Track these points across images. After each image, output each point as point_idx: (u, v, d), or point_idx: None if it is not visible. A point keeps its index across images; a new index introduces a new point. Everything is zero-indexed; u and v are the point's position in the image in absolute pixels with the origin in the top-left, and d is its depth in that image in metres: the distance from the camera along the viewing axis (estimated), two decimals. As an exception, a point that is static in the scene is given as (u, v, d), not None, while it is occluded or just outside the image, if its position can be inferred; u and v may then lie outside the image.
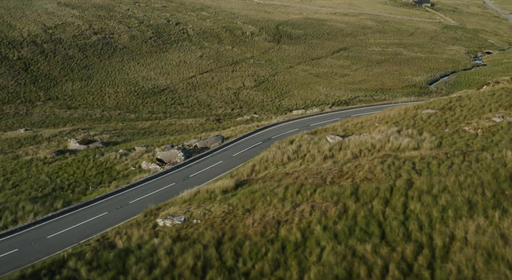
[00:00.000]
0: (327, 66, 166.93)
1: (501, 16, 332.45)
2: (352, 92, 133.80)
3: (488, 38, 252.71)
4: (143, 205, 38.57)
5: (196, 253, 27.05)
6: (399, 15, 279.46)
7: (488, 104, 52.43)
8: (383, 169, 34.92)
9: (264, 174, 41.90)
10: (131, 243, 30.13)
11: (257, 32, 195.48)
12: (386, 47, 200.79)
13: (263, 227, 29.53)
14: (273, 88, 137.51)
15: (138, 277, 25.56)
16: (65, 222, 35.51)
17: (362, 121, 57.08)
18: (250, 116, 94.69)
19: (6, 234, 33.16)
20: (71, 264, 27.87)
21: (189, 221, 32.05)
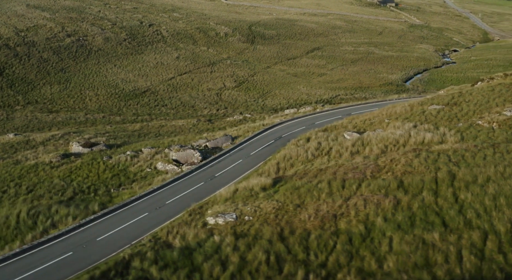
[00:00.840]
0: (303, 66, 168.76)
1: (462, 15, 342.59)
2: (332, 91, 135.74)
3: (452, 37, 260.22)
4: (181, 204, 38.75)
5: (264, 248, 27.51)
6: (366, 15, 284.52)
7: (492, 99, 54.54)
8: (420, 162, 36.12)
9: (294, 170, 42.56)
10: (189, 242, 30.34)
11: (230, 33, 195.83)
12: (358, 46, 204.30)
13: (320, 221, 30.22)
14: (254, 88, 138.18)
15: (214, 274, 25.85)
16: (109, 224, 35.33)
17: (370, 118, 58.40)
18: (242, 116, 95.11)
19: (55, 238, 32.82)
20: (136, 264, 27.93)
21: (241, 218, 32.45)
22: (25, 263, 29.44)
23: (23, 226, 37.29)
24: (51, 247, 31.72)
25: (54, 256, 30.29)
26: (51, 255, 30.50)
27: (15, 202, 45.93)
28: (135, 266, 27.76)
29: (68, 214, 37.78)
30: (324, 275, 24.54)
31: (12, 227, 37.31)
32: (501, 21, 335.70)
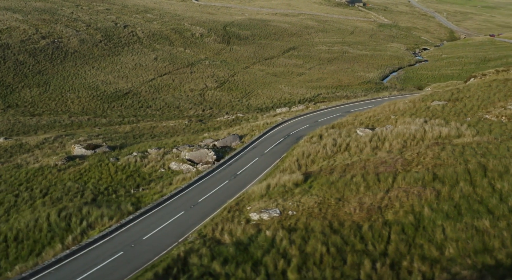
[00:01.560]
0: (281, 65, 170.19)
1: (428, 14, 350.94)
2: (313, 90, 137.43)
3: (421, 35, 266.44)
4: (213, 202, 39.23)
5: (321, 240, 28.28)
6: (336, 15, 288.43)
7: (493, 94, 56.71)
8: (448, 155, 37.52)
9: (318, 166, 43.47)
10: (240, 237, 30.90)
11: (206, 33, 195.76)
12: (332, 46, 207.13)
13: (366, 213, 31.19)
14: (236, 88, 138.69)
15: (279, 267, 26.46)
16: (149, 223, 35.50)
17: (374, 115, 59.84)
18: (234, 116, 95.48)
19: (100, 239, 32.83)
20: (194, 261, 28.33)
21: (285, 213, 33.16)
22: (81, 264, 29.45)
23: (56, 228, 37.06)
24: (100, 248, 31.75)
25: (106, 256, 30.38)
26: (103, 255, 30.57)
27: (33, 205, 45.51)
28: (194, 263, 28.14)
29: (103, 215, 37.72)
30: (389, 263, 25.42)
31: (45, 229, 37.05)
32: (465, 20, 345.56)
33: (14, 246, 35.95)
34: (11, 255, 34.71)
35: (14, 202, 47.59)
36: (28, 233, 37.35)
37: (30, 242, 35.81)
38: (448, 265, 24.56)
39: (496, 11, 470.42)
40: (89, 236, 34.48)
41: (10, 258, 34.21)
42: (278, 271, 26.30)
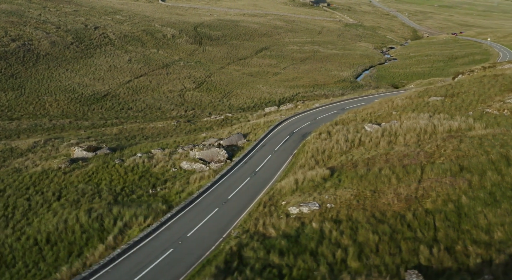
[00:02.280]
0: (256, 65, 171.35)
1: (390, 13, 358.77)
2: (291, 89, 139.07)
3: (386, 35, 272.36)
4: (243, 198, 40.02)
5: (371, 230, 29.48)
6: (303, 15, 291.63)
7: (487, 89, 59.30)
8: (468, 146, 39.38)
9: (337, 161, 44.70)
10: (286, 230, 31.83)
11: (177, 34, 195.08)
12: (303, 45, 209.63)
13: (405, 203, 32.60)
14: (215, 89, 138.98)
15: (337, 256, 27.50)
16: (188, 221, 35.94)
17: (374, 112, 61.59)
18: (223, 116, 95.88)
19: (145, 237, 33.08)
20: (249, 254, 29.12)
21: (323, 206, 34.24)
22: (135, 262, 29.75)
23: (90, 229, 37.05)
24: (149, 246, 32.05)
25: (158, 253, 30.77)
26: (154, 252, 30.93)
27: (51, 208, 45.20)
28: (250, 256, 28.89)
29: (136, 214, 37.92)
30: (443, 248, 26.79)
31: (78, 231, 36.99)
32: (426, 19, 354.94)
33: (48, 248, 35.78)
34: (48, 257, 34.56)
35: (28, 205, 47.09)
36: (61, 235, 37.21)
37: (64, 244, 35.72)
38: (501, 247, 26.09)
39: (452, 10, 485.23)
40: (129, 235, 34.66)
41: (48, 260, 34.08)
42: (337, 260, 27.31)
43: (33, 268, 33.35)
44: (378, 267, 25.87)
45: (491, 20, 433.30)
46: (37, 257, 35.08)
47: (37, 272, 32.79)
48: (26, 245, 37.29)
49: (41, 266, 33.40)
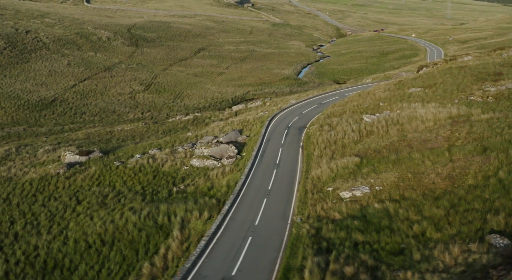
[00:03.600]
0: (198, 66, 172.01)
1: (312, 13, 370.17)
2: (240, 88, 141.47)
3: (312, 33, 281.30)
4: (283, 188, 42.10)
5: (435, 205, 32.58)
6: (230, 15, 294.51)
7: (461, 79, 64.77)
8: (480, 129, 43.66)
9: (355, 150, 47.68)
10: (349, 212, 34.41)
11: (112, 37, 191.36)
12: (238, 45, 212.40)
13: (449, 181, 36.12)
14: (164, 90, 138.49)
15: (415, 230, 30.29)
16: (246, 212, 37.27)
17: (360, 104, 65.41)
18: (192, 116, 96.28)
19: (217, 229, 34.18)
20: (331, 235, 31.33)
21: (373, 189, 37.09)
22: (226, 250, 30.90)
23: (146, 227, 37.51)
24: (227, 236, 33.15)
25: (241, 241, 32.13)
26: (236, 241, 32.21)
27: (77, 211, 44.94)
28: (332, 237, 31.13)
29: (187, 210, 38.78)
30: (506, 215, 30.33)
31: (134, 230, 37.36)
32: (346, 18, 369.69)
33: (107, 249, 35.97)
34: (112, 257, 34.76)
35: (48, 211, 46.44)
36: (115, 235, 37.44)
37: (124, 243, 36.04)
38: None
39: (366, 9, 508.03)
40: (192, 228, 35.61)
41: (116, 259, 34.29)
42: (416, 233, 30.10)
43: (103, 269, 33.54)
44: (458, 235, 28.86)
45: (402, 17, 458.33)
46: (99, 258, 35.18)
47: (109, 272, 33.02)
48: (79, 248, 37.18)
49: (110, 266, 33.63)
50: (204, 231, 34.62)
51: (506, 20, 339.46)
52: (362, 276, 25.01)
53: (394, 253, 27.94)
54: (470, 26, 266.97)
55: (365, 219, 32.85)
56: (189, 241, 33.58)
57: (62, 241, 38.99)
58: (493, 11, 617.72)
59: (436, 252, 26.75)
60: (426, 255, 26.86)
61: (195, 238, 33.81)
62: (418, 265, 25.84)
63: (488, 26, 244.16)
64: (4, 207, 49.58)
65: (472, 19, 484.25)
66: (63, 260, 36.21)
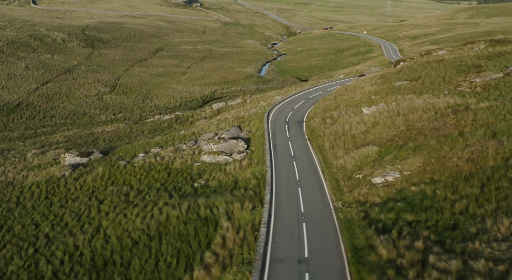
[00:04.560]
0: (160, 66, 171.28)
1: (259, 12, 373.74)
2: (206, 87, 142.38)
3: (263, 32, 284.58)
4: (310, 177, 44.19)
5: (469, 184, 35.46)
6: (181, 15, 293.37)
7: (444, 72, 68.83)
8: (484, 116, 47.18)
9: (368, 139, 50.33)
10: (388, 196, 36.94)
11: (67, 38, 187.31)
12: (194, 45, 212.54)
13: (471, 163, 39.21)
14: (131, 91, 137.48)
15: (460, 207, 33.04)
16: (286, 200, 38.89)
17: (351, 98, 68.32)
18: (173, 115, 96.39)
19: (269, 217, 35.72)
20: (381, 217, 33.65)
21: (402, 174, 39.76)
22: (287, 236, 32.61)
23: (191, 220, 38.51)
24: (281, 222, 34.73)
25: (299, 225, 33.92)
26: (293, 225, 33.97)
27: (104, 210, 45.29)
28: (382, 218, 33.43)
29: (227, 202, 40.08)
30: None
31: (179, 224, 38.29)
32: (293, 16, 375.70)
33: (156, 243, 36.79)
34: (164, 251, 35.52)
35: (71, 212, 46.50)
36: (159, 230, 38.31)
37: (173, 236, 36.90)
38: None
39: (308, 7, 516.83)
40: (239, 218, 36.94)
41: (171, 252, 35.07)
42: (460, 210, 32.79)
43: (159, 262, 34.38)
44: (499, 210, 31.74)
45: (345, 15, 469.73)
46: (150, 252, 35.91)
47: (168, 264, 33.87)
48: (125, 244, 37.79)
49: (167, 259, 34.47)
50: (253, 220, 36.08)
51: (445, 16, 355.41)
52: (434, 249, 27.36)
53: (449, 229, 30.49)
54: (415, 23, 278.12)
55: (406, 201, 35.36)
56: (242, 230, 34.97)
57: (103, 239, 39.40)
58: (429, 8, 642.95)
59: (489, 225, 29.46)
60: (481, 228, 29.54)
61: (247, 227, 35.23)
62: (478, 237, 28.46)
63: (433, 23, 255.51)
64: (20, 210, 49.22)
65: (410, 16, 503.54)
66: (112, 256, 36.72)
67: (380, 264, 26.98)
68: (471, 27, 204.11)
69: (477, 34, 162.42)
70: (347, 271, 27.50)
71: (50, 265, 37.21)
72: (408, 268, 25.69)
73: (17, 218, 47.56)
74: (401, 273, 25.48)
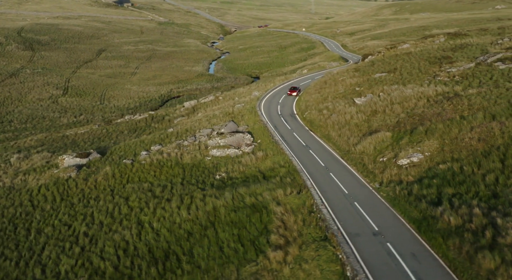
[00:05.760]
0: (107, 67, 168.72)
1: (191, 11, 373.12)
2: (161, 86, 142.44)
3: (199, 31, 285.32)
4: (333, 163, 47.16)
5: (491, 159, 39.84)
6: (115, 15, 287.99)
7: (417, 64, 74.12)
8: (477, 101, 52.13)
9: (373, 127, 54.00)
10: (419, 175, 40.67)
11: (4, 41, 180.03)
12: (136, 45, 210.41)
13: (483, 142, 43.78)
14: (85, 93, 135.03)
15: (490, 179, 37.27)
16: (324, 185, 41.49)
17: (336, 90, 72.06)
18: (147, 114, 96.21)
19: (321, 203, 38.42)
20: (424, 192, 37.28)
21: (424, 155, 43.71)
22: (347, 216, 35.47)
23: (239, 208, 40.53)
24: (334, 204, 37.44)
25: (350, 206, 36.80)
26: (345, 205, 36.85)
27: (134, 207, 46.24)
28: (425, 194, 37.05)
29: (269, 189, 42.36)
30: (551, 162, 38.48)
31: (229, 212, 40.15)
32: (224, 15, 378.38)
33: (212, 232, 38.46)
34: (226, 237, 37.19)
35: (99, 210, 47.06)
36: (209, 220, 40.04)
37: (227, 224, 38.58)
38: None
39: (236, 6, 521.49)
40: (288, 203, 39.37)
41: (231, 239, 36.94)
42: (492, 181, 36.96)
43: (223, 248, 36.16)
44: (527, 180, 36.22)
45: (272, 13, 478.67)
46: (210, 240, 37.52)
47: (235, 249, 35.40)
48: (179, 236, 39.15)
49: (230, 244, 36.25)
50: (303, 204, 38.61)
51: (370, 13, 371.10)
52: (492, 213, 31.17)
53: (492, 198, 34.49)
54: (349, 20, 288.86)
55: (439, 177, 39.12)
56: (297, 212, 37.46)
57: (153, 232, 40.51)
58: (349, 5, 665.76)
59: (525, 192, 33.73)
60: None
61: (301, 209, 37.75)
62: (524, 202, 32.62)
63: (364, 19, 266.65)
64: (40, 213, 49.09)
65: (334, 13, 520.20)
66: (170, 248, 38.03)
67: (452, 230, 30.44)
68: (403, 23, 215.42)
69: (413, 29, 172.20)
70: (420, 239, 30.77)
71: (106, 261, 37.95)
72: (481, 230, 29.30)
73: (41, 220, 47.52)
74: (477, 235, 29.03)
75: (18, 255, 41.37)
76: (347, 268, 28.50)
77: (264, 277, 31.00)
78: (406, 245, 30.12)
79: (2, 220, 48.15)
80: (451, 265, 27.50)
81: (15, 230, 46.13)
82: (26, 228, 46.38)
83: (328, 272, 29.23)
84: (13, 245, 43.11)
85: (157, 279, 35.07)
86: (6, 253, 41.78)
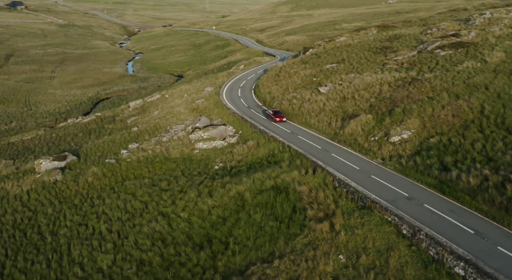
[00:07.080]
0: (21, 72, 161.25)
1: (89, 13, 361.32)
2: (86, 89, 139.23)
3: (103, 32, 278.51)
4: (330, 146, 51.30)
5: (472, 131, 46.18)
6: (11, 19, 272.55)
7: (362, 54, 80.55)
8: (438, 83, 58.93)
9: (349, 111, 59.00)
10: (415, 149, 46.15)
11: None
12: (44, 49, 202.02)
13: (458, 118, 50.33)
14: (7, 100, 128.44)
15: (478, 147, 43.49)
16: (335, 164, 45.31)
17: (294, 81, 76.41)
18: (94, 116, 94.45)
19: (344, 178, 42.33)
20: (428, 162, 42.68)
21: (411, 131, 49.37)
22: (377, 187, 39.71)
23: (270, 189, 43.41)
24: (355, 179, 41.39)
25: (368, 179, 41.09)
26: (365, 179, 41.10)
27: (149, 202, 47.65)
28: (428, 163, 42.44)
29: (285, 171, 45.63)
30: (521, 130, 45.52)
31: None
32: (122, 16, 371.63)
33: (244, 215, 41.06)
34: (260, 218, 39.91)
35: (110, 208, 47.90)
36: (237, 204, 42.70)
37: (255, 206, 41.42)
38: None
39: (128, 6, 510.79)
40: (307, 182, 42.93)
41: (268, 218, 39.86)
42: (481, 148, 43.12)
43: (264, 227, 39.01)
44: (509, 145, 42.79)
45: (169, 13, 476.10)
46: (244, 222, 40.07)
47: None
48: (213, 222, 41.42)
49: (268, 223, 39.03)
50: (323, 181, 42.39)
51: (267, 10, 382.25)
52: (501, 172, 37.02)
53: (489, 161, 40.49)
54: (253, 17, 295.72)
55: (434, 149, 44.68)
56: (322, 189, 41.24)
57: (183, 222, 42.28)
58: (241, 3, 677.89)
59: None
60: (510, 158, 40.04)
61: (322, 186, 41.59)
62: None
63: (269, 17, 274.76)
64: (44, 216, 48.78)
65: (229, 12, 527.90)
66: (208, 233, 40.19)
67: (474, 189, 35.84)
68: (308, 19, 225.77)
69: (324, 24, 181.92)
70: (447, 199, 35.84)
71: (149, 252, 39.22)
72: (501, 185, 34.94)
73: (50, 223, 47.22)
74: (499, 190, 34.61)
75: (45, 258, 41.23)
76: (403, 227, 32.77)
77: (321, 245, 34.43)
78: (441, 205, 34.95)
79: (6, 227, 47.14)
80: (488, 215, 32.74)
81: (25, 235, 45.54)
82: (37, 232, 45.96)
83: (384, 233, 33.34)
84: (34, 249, 42.78)
85: (208, 260, 37.12)
86: (31, 258, 41.55)
